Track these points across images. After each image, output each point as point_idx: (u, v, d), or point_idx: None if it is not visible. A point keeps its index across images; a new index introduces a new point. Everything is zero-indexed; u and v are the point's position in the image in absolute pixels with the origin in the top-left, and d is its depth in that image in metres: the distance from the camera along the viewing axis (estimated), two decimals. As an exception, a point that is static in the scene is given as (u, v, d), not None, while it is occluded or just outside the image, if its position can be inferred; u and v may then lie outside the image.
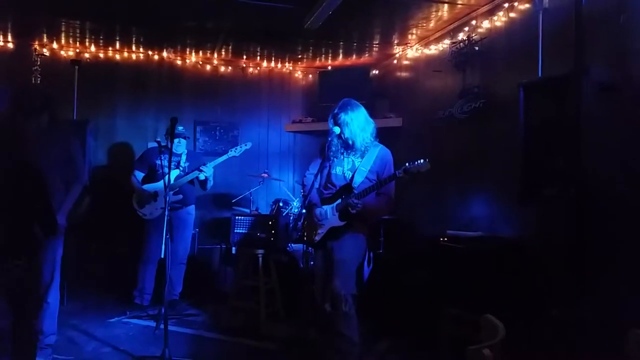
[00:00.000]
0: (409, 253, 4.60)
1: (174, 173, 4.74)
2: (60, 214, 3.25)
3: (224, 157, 4.83)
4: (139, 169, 4.90)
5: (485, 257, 3.53)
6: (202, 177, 4.77)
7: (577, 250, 3.09)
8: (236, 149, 4.89)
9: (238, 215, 4.79)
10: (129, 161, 5.56)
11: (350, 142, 3.29)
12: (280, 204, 5.38)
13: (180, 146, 4.81)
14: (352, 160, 3.35)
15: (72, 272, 3.46)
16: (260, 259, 4.49)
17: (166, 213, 3.56)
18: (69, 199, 3.34)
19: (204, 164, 4.77)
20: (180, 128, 4.76)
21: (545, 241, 3.47)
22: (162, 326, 3.61)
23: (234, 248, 5.06)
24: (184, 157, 4.88)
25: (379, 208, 3.35)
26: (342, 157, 3.37)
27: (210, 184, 4.88)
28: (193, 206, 5.01)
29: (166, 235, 3.51)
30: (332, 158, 3.38)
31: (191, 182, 4.88)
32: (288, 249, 5.11)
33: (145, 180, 4.85)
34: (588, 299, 2.97)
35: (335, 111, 3.34)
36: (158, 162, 4.71)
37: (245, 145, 4.94)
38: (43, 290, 3.28)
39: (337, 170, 3.37)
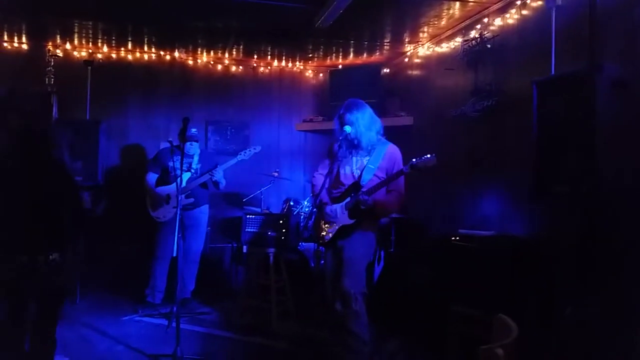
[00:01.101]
0: (421, 252, 4.58)
1: (186, 175, 4.76)
2: None
3: (234, 161, 4.85)
4: (153, 170, 4.94)
5: (498, 256, 3.50)
6: (213, 179, 4.80)
7: (590, 249, 3.05)
8: (245, 152, 4.90)
9: (249, 214, 4.80)
10: (142, 161, 5.60)
11: (356, 141, 3.30)
12: (291, 203, 5.39)
13: (192, 148, 4.83)
14: (361, 159, 3.35)
15: (84, 271, 3.50)
16: (271, 257, 4.49)
17: (178, 213, 3.60)
18: None
19: (216, 166, 4.80)
20: (194, 130, 4.79)
21: (558, 240, 3.44)
22: (174, 324, 3.64)
23: (245, 247, 5.08)
24: (196, 159, 4.89)
25: (390, 204, 3.35)
26: (350, 157, 3.37)
27: (222, 184, 4.90)
28: (207, 205, 5.02)
29: (178, 234, 3.54)
30: (340, 158, 3.38)
31: (204, 185, 4.89)
32: (299, 247, 5.11)
33: (159, 182, 4.88)
34: (601, 297, 2.93)
35: (341, 112, 3.35)
36: (170, 163, 4.74)
37: (255, 148, 4.95)
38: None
39: (346, 169, 3.38)
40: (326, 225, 3.42)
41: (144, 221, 4.89)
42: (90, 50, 5.84)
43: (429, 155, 3.08)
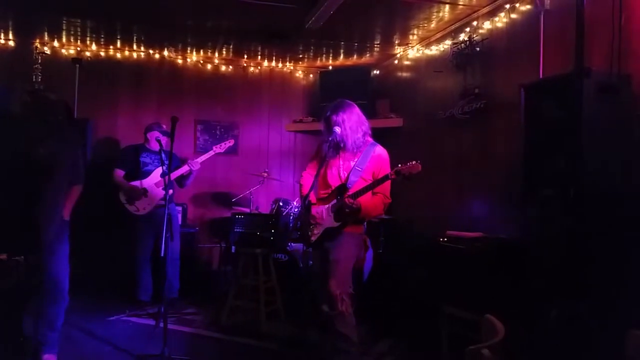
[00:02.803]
0: (409, 253, 4.60)
1: (159, 171, 4.82)
2: (64, 211, 3.36)
3: (209, 154, 4.97)
4: (120, 167, 4.93)
5: (486, 257, 3.53)
6: (192, 169, 4.86)
7: (577, 251, 3.08)
8: (220, 145, 5.05)
9: (238, 214, 4.79)
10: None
11: (342, 143, 3.29)
12: (280, 204, 5.38)
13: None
14: (347, 161, 3.35)
15: (70, 271, 3.48)
16: (260, 258, 4.49)
17: (166, 212, 3.58)
18: (71, 199, 3.45)
19: (194, 160, 4.88)
20: (165, 127, 4.84)
21: (546, 242, 3.46)
22: (161, 324, 3.62)
23: (233, 247, 5.07)
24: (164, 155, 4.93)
25: (374, 207, 3.34)
26: (337, 158, 3.38)
27: (190, 180, 5.00)
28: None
29: (167, 234, 3.52)
30: (327, 159, 3.38)
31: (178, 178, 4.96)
32: (288, 248, 5.11)
33: (127, 178, 4.88)
34: (588, 300, 2.96)
35: (328, 113, 3.35)
36: (142, 159, 4.82)
37: (228, 142, 5.13)
38: (61, 286, 3.37)
39: (333, 170, 3.38)
40: (312, 227, 3.42)
41: (130, 220, 4.86)
42: (78, 48, 5.79)
43: (414, 162, 3.10)
